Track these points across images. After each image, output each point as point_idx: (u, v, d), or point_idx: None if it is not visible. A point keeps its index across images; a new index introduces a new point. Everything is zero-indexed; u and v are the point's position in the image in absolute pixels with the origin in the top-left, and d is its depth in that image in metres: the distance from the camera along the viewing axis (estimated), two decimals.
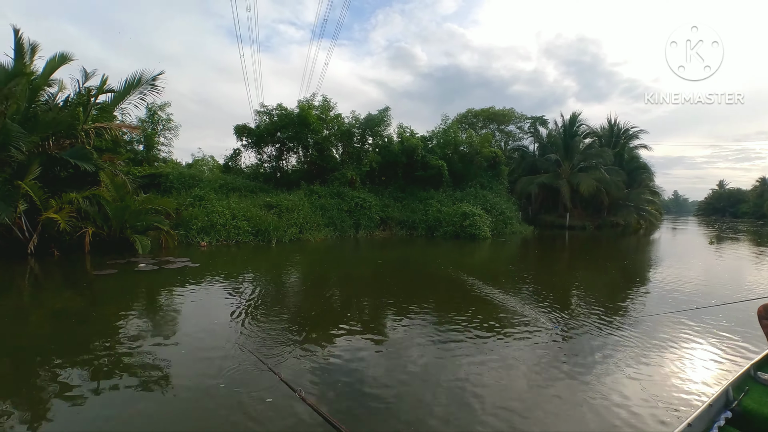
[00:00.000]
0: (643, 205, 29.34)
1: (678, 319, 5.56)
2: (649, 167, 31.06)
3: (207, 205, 13.87)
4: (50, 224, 9.82)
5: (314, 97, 19.80)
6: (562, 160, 27.14)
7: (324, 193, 17.01)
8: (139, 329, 4.78)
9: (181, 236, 12.59)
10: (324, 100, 20.03)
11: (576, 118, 27.81)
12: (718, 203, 72.36)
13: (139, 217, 11.67)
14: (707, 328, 5.17)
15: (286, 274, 8.70)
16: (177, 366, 3.74)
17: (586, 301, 6.68)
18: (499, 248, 14.73)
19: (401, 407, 3.05)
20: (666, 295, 7.18)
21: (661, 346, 4.50)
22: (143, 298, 6.56)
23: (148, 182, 16.25)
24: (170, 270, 8.42)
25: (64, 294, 6.81)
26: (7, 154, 10.19)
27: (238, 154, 20.68)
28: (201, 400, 3.10)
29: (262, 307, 5.76)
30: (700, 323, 5.36)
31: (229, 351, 4.01)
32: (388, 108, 20.09)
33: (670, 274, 9.55)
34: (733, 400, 2.19)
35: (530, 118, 29.85)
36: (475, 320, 5.25)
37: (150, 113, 20.71)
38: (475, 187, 20.79)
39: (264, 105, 19.39)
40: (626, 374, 3.71)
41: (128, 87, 13.50)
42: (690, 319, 5.49)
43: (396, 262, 10.78)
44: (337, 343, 4.37)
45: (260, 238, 13.24)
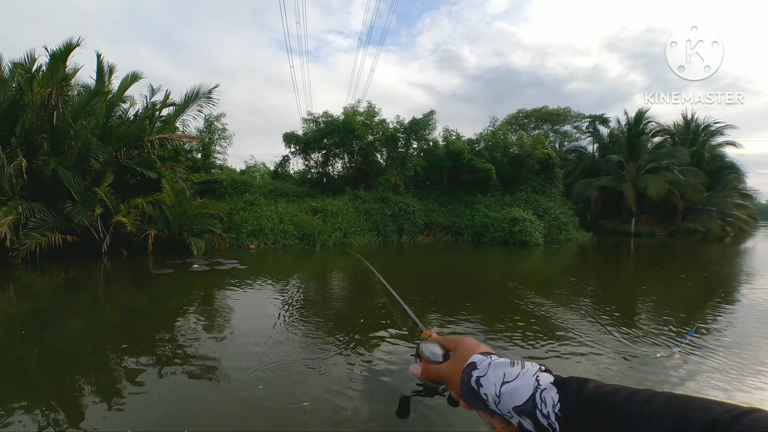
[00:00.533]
0: (729, 209, 25.89)
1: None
2: (738, 167, 27.31)
3: (256, 209, 14.49)
4: (120, 226, 10.77)
5: (359, 103, 20.10)
6: (626, 161, 24.83)
7: (368, 197, 17.07)
8: (190, 325, 5.11)
9: (233, 239, 13.24)
10: (369, 106, 20.23)
11: (642, 114, 25.34)
12: None
13: (195, 220, 12.45)
14: None
15: (329, 278, 8.74)
16: (223, 359, 3.97)
17: (658, 318, 5.86)
18: (552, 256, 13.74)
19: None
20: (761, 314, 6.13)
21: (760, 373, 3.83)
22: (195, 296, 6.94)
23: (205, 188, 17.40)
24: (220, 271, 8.82)
25: (129, 290, 7.42)
26: (88, 164, 11.39)
27: (286, 160, 21.55)
28: (241, 390, 3.29)
29: (304, 310, 5.78)
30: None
31: (268, 349, 4.10)
32: (433, 112, 19.80)
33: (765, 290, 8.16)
34: None
35: (588, 117, 27.73)
36: (521, 333, 4.79)
37: (207, 124, 22.26)
38: (526, 191, 19.68)
39: (311, 113, 20.06)
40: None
41: (187, 100, 14.57)
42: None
43: (439, 269, 10.43)
44: (380, 348, 4.26)
45: (305, 242, 13.54)
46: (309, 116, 20.10)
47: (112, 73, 13.84)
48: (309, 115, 20.07)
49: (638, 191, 23.47)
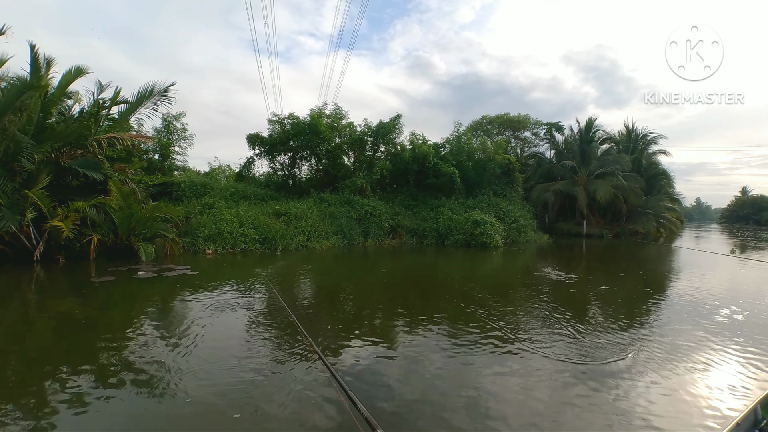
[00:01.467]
0: (662, 212, 28.15)
1: (702, 333, 5.16)
2: (669, 173, 29.93)
3: (216, 213, 13.81)
4: (57, 232, 9.81)
5: (326, 105, 19.84)
6: (579, 166, 26.35)
7: (334, 200, 16.80)
8: (126, 336, 4.59)
9: (188, 244, 12.50)
10: (336, 108, 20.02)
11: (592, 123, 27.08)
12: (741, 210, 69.48)
13: (145, 224, 11.63)
14: (734, 343, 4.74)
15: (284, 283, 8.36)
16: (163, 370, 3.64)
17: (604, 313, 6.14)
18: (510, 258, 14.11)
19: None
20: (685, 307, 6.63)
21: (684, 361, 4.20)
22: (132, 304, 6.38)
23: (161, 191, 16.37)
24: (168, 278, 8.25)
25: (57, 300, 6.67)
26: (17, 164, 10.30)
27: (251, 162, 20.75)
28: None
29: (252, 317, 5.46)
30: (725, 338, 4.92)
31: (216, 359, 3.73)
32: (399, 116, 19.93)
33: (689, 285, 8.84)
34: (762, 419, 2.12)
35: (546, 125, 29.19)
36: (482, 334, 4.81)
37: (165, 123, 21.04)
38: (488, 194, 20.29)
39: (276, 114, 19.51)
40: (649, 391, 3.49)
41: (140, 98, 13.67)
42: (714, 334, 5.07)
43: (400, 272, 10.37)
44: (342, 354, 4.04)
45: (267, 245, 13.04)
46: (274, 117, 19.55)
47: (51, 66, 12.71)
48: (274, 116, 19.52)
49: (589, 195, 24.93)
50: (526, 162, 29.70)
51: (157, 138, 20.37)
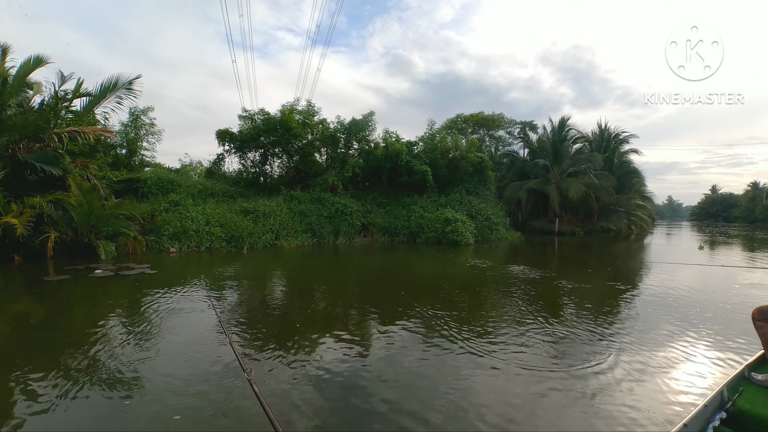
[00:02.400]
0: (633, 210, 29.08)
1: (672, 322, 5.51)
2: (640, 172, 30.90)
3: (182, 210, 13.61)
4: (12, 229, 9.52)
5: (298, 101, 19.69)
6: (551, 165, 26.97)
7: (304, 198, 16.75)
8: (72, 338, 4.54)
9: (152, 242, 12.32)
10: (308, 104, 19.90)
11: (565, 122, 27.71)
12: (711, 208, 72.49)
13: (106, 222, 11.40)
14: (701, 331, 5.12)
15: (246, 282, 8.37)
16: (116, 371, 3.62)
17: (572, 307, 6.41)
18: (480, 255, 14.39)
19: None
20: (653, 300, 7.01)
21: (654, 348, 4.48)
22: (83, 304, 6.29)
23: (126, 187, 16.01)
24: (125, 276, 8.15)
25: (6, 300, 6.51)
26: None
27: (221, 159, 20.42)
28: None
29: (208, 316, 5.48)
30: (694, 327, 5.29)
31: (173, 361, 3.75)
32: (372, 113, 19.97)
33: (655, 280, 9.27)
34: (728, 401, 2.23)
35: (520, 124, 29.74)
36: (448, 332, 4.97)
37: (133, 118, 20.48)
38: (461, 192, 20.56)
39: (246, 109, 19.23)
40: (621, 377, 3.70)
41: (104, 91, 13.32)
42: (682, 325, 5.41)
43: (368, 270, 10.50)
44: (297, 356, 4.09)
45: (233, 244, 12.96)
46: (244, 113, 19.27)
47: (7, 53, 12.30)
48: (244, 111, 19.22)
49: (561, 193, 25.56)
50: (500, 160, 30.19)
51: (123, 133, 19.86)
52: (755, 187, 60.57)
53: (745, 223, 55.42)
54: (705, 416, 2.11)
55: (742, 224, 54.56)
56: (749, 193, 61.69)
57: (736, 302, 6.80)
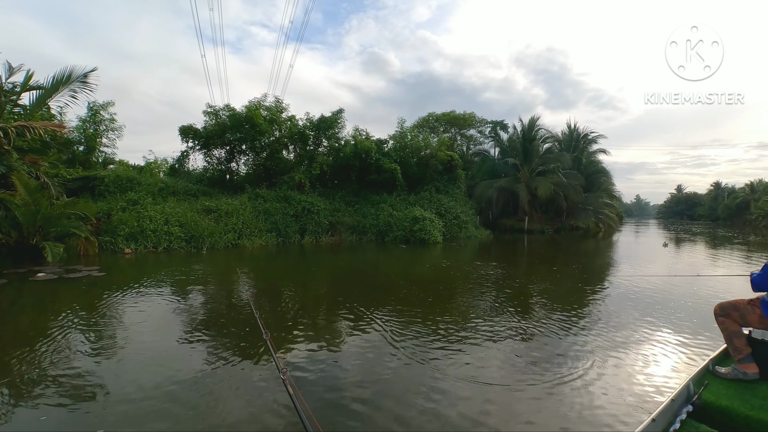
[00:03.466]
0: (601, 208, 29.98)
1: (640, 318, 5.70)
2: (608, 171, 31.87)
3: (140, 209, 13.17)
4: None
5: (265, 97, 19.35)
6: (521, 164, 27.53)
7: (270, 197, 16.47)
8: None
9: (107, 243, 11.88)
10: (276, 100, 19.60)
11: (534, 122, 28.29)
12: (676, 207, 75.81)
13: (56, 222, 10.93)
14: (669, 327, 5.30)
15: (198, 285, 8.19)
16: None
17: (540, 303, 6.55)
18: (447, 254, 14.55)
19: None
20: (617, 295, 7.30)
21: (624, 345, 4.63)
22: (18, 309, 6.00)
23: (82, 185, 15.39)
24: (70, 279, 7.82)
25: None
26: None
27: (185, 156, 19.84)
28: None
29: (151, 321, 5.34)
30: (659, 323, 5.48)
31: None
32: (341, 110, 19.84)
33: (621, 277, 9.60)
34: (694, 394, 2.30)
35: (491, 123, 30.19)
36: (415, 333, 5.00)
37: (92, 112, 19.64)
38: (431, 191, 20.72)
39: (211, 105, 18.71)
40: (592, 373, 3.80)
41: (57, 84, 12.74)
42: (650, 319, 5.64)
43: (331, 269, 10.44)
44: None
45: (193, 244, 12.64)
46: (210, 108, 18.76)
47: None
48: (209, 107, 18.69)
49: (531, 192, 26.14)
50: (471, 159, 30.60)
51: (81, 128, 19.05)
52: (717, 187, 63.70)
53: (708, 221, 58.24)
54: (673, 410, 2.16)
55: (705, 222, 57.31)
56: (712, 192, 64.83)
57: (699, 297, 7.10)
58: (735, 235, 28.63)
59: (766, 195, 45.62)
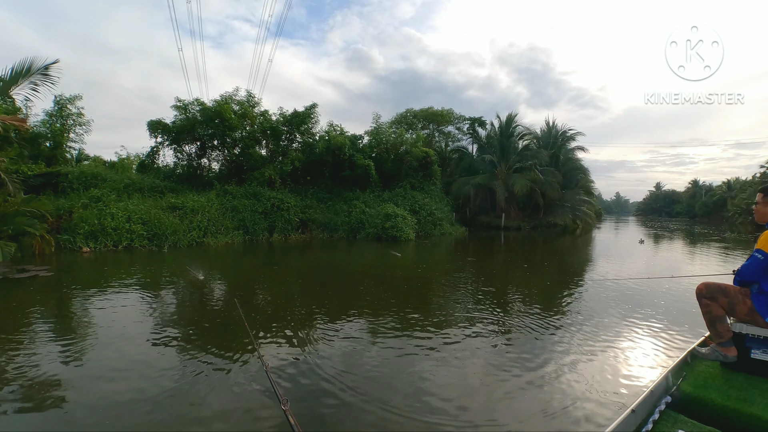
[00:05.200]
0: (579, 205, 30.33)
1: (617, 313, 5.78)
2: (586, 168, 32.31)
3: (102, 207, 12.96)
4: None
5: (237, 91, 19.11)
6: (499, 161, 27.75)
7: (238, 193, 16.30)
8: None
9: (66, 241, 11.68)
10: (248, 95, 19.38)
11: (512, 119, 28.49)
12: (655, 204, 77.42)
13: (10, 220, 10.70)
14: (645, 322, 5.38)
15: (151, 286, 8.12)
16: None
17: (511, 300, 6.58)
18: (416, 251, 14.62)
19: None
20: (595, 290, 7.45)
21: (601, 340, 4.68)
22: None
23: (45, 182, 15.06)
24: (14, 280, 7.67)
25: None
26: None
27: (156, 151, 19.49)
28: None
29: (95, 325, 5.29)
30: (639, 318, 5.54)
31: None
32: (315, 105, 19.72)
33: (594, 274, 9.76)
34: (673, 386, 2.34)
35: (469, 119, 30.29)
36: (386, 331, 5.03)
37: (58, 106, 19.17)
38: (405, 187, 20.75)
39: (180, 99, 18.38)
40: (568, 365, 3.86)
41: (16, 76, 12.30)
42: (629, 313, 5.75)
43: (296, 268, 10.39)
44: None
45: (156, 242, 12.51)
46: (179, 103, 18.42)
47: None
48: (178, 101, 18.34)
49: (508, 188, 26.39)
50: (450, 156, 30.73)
51: (48, 123, 18.60)
52: (695, 185, 65.30)
53: (686, 218, 59.68)
54: (652, 401, 2.17)
55: (683, 219, 58.74)
56: (690, 190, 66.44)
57: (674, 293, 7.19)
58: (711, 231, 29.33)
59: (742, 193, 46.83)
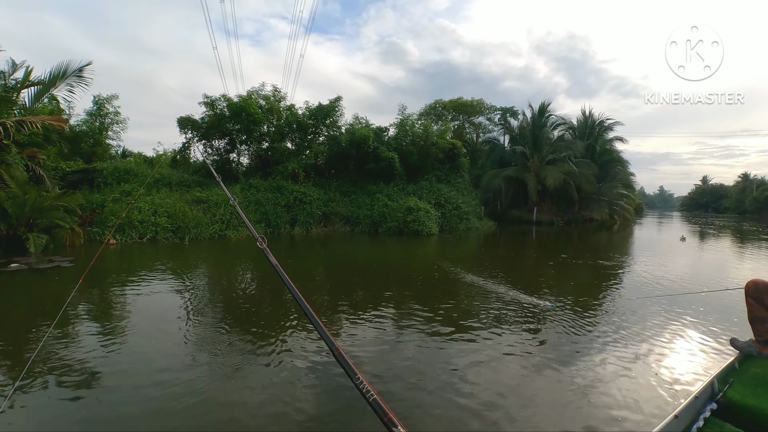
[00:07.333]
0: (616, 199, 28.55)
1: (660, 314, 5.45)
2: (624, 160, 30.27)
3: (131, 200, 13.36)
4: None
5: (263, 87, 19.20)
6: (531, 152, 26.45)
7: (262, 186, 16.37)
8: None
9: (94, 234, 12.10)
10: (274, 90, 19.44)
11: (545, 108, 27.06)
12: (701, 199, 71.90)
13: (45, 214, 11.17)
14: (690, 324, 5.07)
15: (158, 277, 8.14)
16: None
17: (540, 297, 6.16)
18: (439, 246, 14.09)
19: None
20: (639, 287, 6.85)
21: (643, 342, 4.44)
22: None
23: (82, 177, 15.76)
24: (38, 270, 7.94)
25: None
26: None
27: (187, 147, 20.01)
28: None
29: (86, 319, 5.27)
30: (683, 319, 5.24)
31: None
32: (339, 98, 19.51)
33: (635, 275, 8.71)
34: (719, 392, 2.23)
35: (500, 109, 29.08)
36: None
37: (97, 106, 20.04)
38: (431, 180, 20.15)
39: (207, 95, 18.68)
40: (611, 368, 3.71)
41: (54, 79, 13.05)
42: (673, 314, 5.41)
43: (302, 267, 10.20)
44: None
45: (179, 235, 12.73)
46: (206, 99, 18.72)
47: None
48: (206, 98, 18.67)
49: (540, 181, 25.12)
50: (480, 148, 29.67)
51: (88, 122, 19.49)
52: (746, 179, 59.95)
53: (735, 214, 54.92)
54: (696, 408, 2.11)
55: (731, 215, 54.04)
56: (740, 184, 61.08)
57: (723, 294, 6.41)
58: (763, 229, 26.59)
59: None
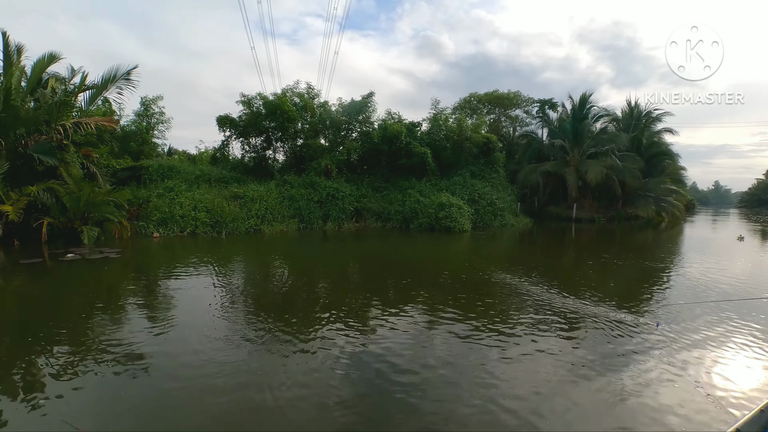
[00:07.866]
0: (664, 195, 26.50)
1: (717, 321, 5.07)
2: (673, 153, 28.11)
3: (173, 196, 14.08)
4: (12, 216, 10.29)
5: (297, 84, 19.57)
6: (571, 146, 25.13)
7: (296, 183, 16.73)
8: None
9: (141, 227, 12.86)
10: (308, 87, 19.75)
11: (586, 99, 25.57)
12: (763, 195, 65.02)
13: (97, 208, 12.01)
14: (750, 329, 4.73)
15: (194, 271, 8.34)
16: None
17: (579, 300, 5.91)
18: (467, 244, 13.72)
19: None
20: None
21: (699, 348, 4.17)
22: (34, 284, 6.69)
23: (130, 174, 16.79)
24: (89, 260, 8.61)
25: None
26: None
27: (226, 145, 20.79)
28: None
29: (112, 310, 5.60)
30: (744, 327, 4.85)
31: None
32: (372, 93, 19.52)
33: (656, 284, 7.78)
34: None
35: (538, 102, 27.81)
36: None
37: (144, 107, 21.28)
38: (464, 175, 19.70)
39: (244, 95, 19.30)
40: (665, 377, 3.51)
41: (105, 82, 13.91)
42: (731, 322, 5.01)
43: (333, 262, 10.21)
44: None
45: (217, 229, 13.27)
46: (243, 98, 19.36)
47: (21, 53, 13.10)
48: (242, 96, 19.29)
49: (580, 176, 23.82)
50: (517, 142, 28.59)
51: (136, 122, 20.75)
52: None
53: None
54: (761, 422, 2.00)
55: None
56: None
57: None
58: None
59: None
